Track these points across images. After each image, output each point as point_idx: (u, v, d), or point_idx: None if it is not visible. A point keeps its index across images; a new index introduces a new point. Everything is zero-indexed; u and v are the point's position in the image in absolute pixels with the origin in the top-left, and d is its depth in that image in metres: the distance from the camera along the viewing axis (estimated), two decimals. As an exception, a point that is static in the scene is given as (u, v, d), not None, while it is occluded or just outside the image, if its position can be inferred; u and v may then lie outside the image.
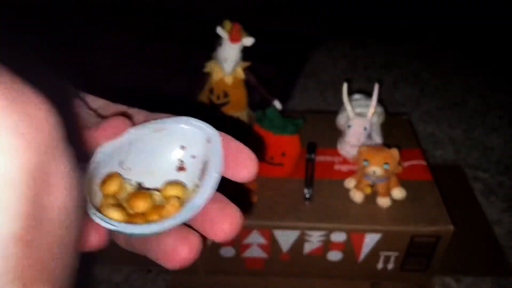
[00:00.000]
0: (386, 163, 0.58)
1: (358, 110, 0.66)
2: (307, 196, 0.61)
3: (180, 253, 0.19)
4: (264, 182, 0.63)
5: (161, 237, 0.20)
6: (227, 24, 0.67)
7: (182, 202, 0.21)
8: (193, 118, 0.22)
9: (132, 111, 0.24)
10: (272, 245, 0.61)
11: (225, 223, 0.20)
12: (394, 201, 0.61)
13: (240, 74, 0.69)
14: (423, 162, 0.67)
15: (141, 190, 0.22)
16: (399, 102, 1.02)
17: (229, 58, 0.67)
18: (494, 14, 1.21)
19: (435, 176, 0.65)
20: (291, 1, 1.34)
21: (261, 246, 0.62)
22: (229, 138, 0.22)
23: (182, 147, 0.22)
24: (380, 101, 0.68)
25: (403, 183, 0.62)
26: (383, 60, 1.17)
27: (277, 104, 0.74)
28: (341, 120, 0.69)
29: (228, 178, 0.21)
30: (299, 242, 0.60)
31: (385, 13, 1.30)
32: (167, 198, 0.22)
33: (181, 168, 0.23)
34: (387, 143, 0.66)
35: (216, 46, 0.69)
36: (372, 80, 0.69)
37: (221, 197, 0.21)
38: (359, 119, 0.64)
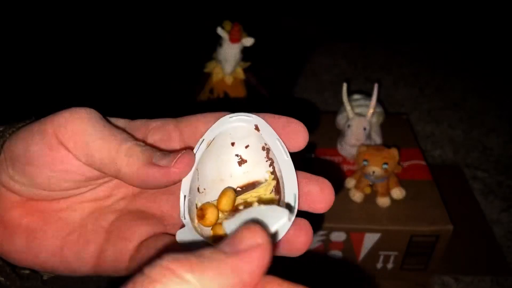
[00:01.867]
0: (385, 163, 0.58)
1: (358, 110, 0.67)
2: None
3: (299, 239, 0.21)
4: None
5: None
6: (227, 24, 0.67)
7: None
8: (230, 114, 0.23)
9: (159, 123, 0.23)
10: (272, 244, 0.61)
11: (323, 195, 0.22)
12: (394, 201, 0.61)
13: (240, 74, 0.69)
14: (422, 162, 0.67)
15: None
16: (398, 102, 1.02)
17: (229, 58, 0.67)
18: (494, 14, 1.22)
19: (434, 176, 0.65)
20: (292, 1, 1.34)
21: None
22: (271, 115, 0.23)
23: (233, 144, 0.23)
24: (379, 101, 0.68)
25: (402, 183, 0.62)
26: (383, 60, 1.17)
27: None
28: (340, 120, 0.69)
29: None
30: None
31: (385, 13, 1.30)
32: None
33: (241, 162, 0.23)
34: (387, 143, 0.66)
35: (216, 46, 0.69)
36: (372, 80, 0.69)
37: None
38: (359, 119, 0.64)
